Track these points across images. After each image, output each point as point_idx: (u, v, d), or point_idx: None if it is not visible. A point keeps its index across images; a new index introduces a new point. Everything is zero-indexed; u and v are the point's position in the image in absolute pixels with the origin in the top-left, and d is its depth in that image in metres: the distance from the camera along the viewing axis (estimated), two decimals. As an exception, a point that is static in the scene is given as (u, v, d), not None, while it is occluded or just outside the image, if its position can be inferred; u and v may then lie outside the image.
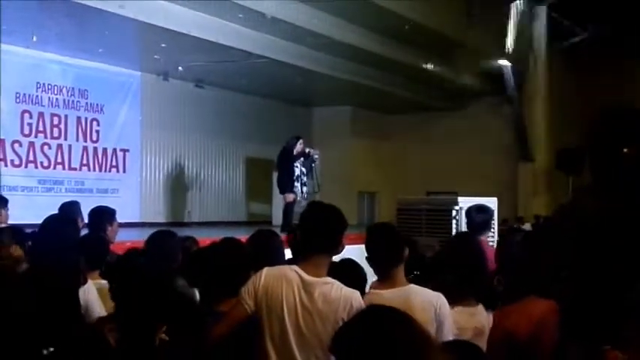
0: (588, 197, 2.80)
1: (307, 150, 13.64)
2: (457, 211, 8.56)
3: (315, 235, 3.50)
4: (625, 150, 2.77)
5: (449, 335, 3.67)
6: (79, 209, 6.66)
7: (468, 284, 4.16)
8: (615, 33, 17.98)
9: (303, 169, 13.59)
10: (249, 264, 3.80)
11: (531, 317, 3.25)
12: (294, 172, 13.36)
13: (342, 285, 3.45)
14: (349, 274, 4.07)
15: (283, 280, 3.40)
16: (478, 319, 4.00)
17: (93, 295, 4.14)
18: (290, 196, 12.94)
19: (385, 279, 3.89)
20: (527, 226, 15.63)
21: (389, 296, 3.70)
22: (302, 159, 13.49)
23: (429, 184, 17.94)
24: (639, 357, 2.59)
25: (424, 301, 3.71)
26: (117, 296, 3.30)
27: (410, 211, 9.21)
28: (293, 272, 3.42)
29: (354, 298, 3.38)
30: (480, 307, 4.11)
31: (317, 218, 3.55)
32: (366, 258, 4.04)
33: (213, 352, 3.33)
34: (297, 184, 13.36)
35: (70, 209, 6.48)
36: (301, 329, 3.34)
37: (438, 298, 3.79)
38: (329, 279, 3.45)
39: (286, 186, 13.21)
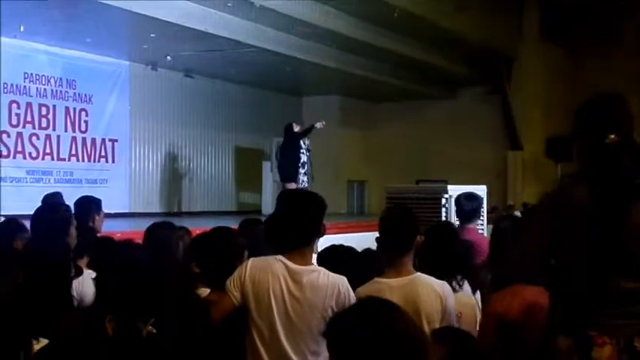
0: (574, 184, 2.82)
1: (316, 125, 13.47)
2: (446, 199, 8.58)
3: (299, 226, 3.48)
4: (611, 136, 2.78)
5: (453, 321, 3.66)
6: (62, 200, 6.62)
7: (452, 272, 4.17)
8: (604, 21, 18.02)
9: (306, 159, 13.41)
10: (241, 253, 3.80)
11: (523, 300, 3.26)
12: (299, 159, 13.22)
13: (328, 272, 3.46)
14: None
15: (269, 271, 3.40)
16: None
17: (88, 287, 4.12)
18: (292, 185, 12.68)
19: (392, 267, 3.77)
20: (516, 214, 15.66)
21: (397, 285, 3.63)
22: (304, 140, 13.36)
23: (418, 172, 18.03)
24: (626, 343, 2.62)
25: (431, 291, 3.65)
26: (102, 286, 3.26)
27: (399, 199, 9.20)
28: (279, 262, 3.41)
29: (340, 284, 3.39)
30: (460, 295, 4.12)
31: (299, 209, 3.52)
32: (376, 239, 3.97)
33: (202, 343, 3.33)
34: (302, 171, 13.24)
35: (53, 200, 6.46)
36: (290, 318, 3.35)
37: (444, 287, 3.73)
38: (315, 266, 3.47)
39: (290, 174, 13.02)
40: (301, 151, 13.30)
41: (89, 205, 5.74)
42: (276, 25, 13.91)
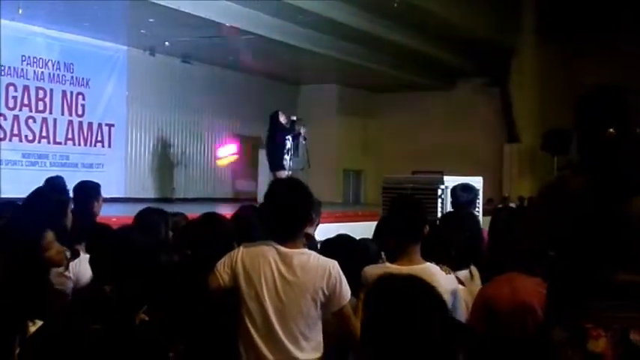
0: (573, 176, 2.81)
1: (298, 127, 13.59)
2: (443, 190, 8.57)
3: (284, 217, 3.46)
4: (610, 130, 2.78)
5: (462, 316, 3.67)
6: (64, 184, 6.60)
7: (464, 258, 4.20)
8: (602, 14, 18.00)
9: (290, 145, 13.55)
10: (231, 239, 3.78)
11: (515, 290, 3.27)
12: (285, 145, 13.28)
13: (318, 255, 3.47)
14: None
15: (260, 255, 3.40)
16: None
17: (85, 269, 4.10)
18: (282, 173, 12.80)
19: (402, 255, 3.81)
20: (511, 206, 15.68)
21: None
22: (291, 134, 13.45)
23: (414, 163, 17.98)
24: (622, 335, 2.62)
25: (443, 282, 3.65)
26: (99, 271, 3.24)
27: (395, 189, 9.16)
28: (269, 246, 3.42)
29: (331, 266, 3.39)
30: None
31: (286, 198, 3.50)
32: (379, 226, 3.95)
33: (193, 330, 3.32)
34: (287, 157, 13.32)
35: (55, 183, 6.43)
36: (281, 300, 3.34)
37: (453, 280, 3.82)
38: (306, 250, 3.47)
39: (278, 161, 13.11)
40: (286, 138, 13.34)
41: (90, 190, 5.73)
42: (275, 13, 13.87)
